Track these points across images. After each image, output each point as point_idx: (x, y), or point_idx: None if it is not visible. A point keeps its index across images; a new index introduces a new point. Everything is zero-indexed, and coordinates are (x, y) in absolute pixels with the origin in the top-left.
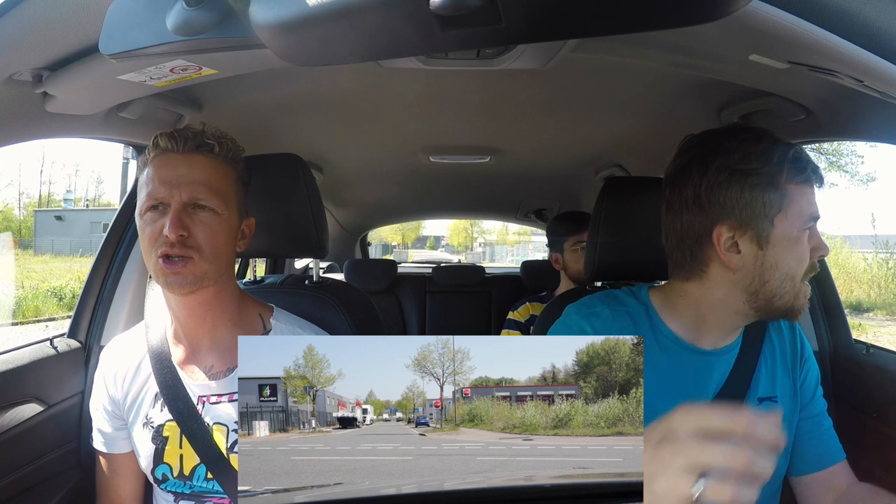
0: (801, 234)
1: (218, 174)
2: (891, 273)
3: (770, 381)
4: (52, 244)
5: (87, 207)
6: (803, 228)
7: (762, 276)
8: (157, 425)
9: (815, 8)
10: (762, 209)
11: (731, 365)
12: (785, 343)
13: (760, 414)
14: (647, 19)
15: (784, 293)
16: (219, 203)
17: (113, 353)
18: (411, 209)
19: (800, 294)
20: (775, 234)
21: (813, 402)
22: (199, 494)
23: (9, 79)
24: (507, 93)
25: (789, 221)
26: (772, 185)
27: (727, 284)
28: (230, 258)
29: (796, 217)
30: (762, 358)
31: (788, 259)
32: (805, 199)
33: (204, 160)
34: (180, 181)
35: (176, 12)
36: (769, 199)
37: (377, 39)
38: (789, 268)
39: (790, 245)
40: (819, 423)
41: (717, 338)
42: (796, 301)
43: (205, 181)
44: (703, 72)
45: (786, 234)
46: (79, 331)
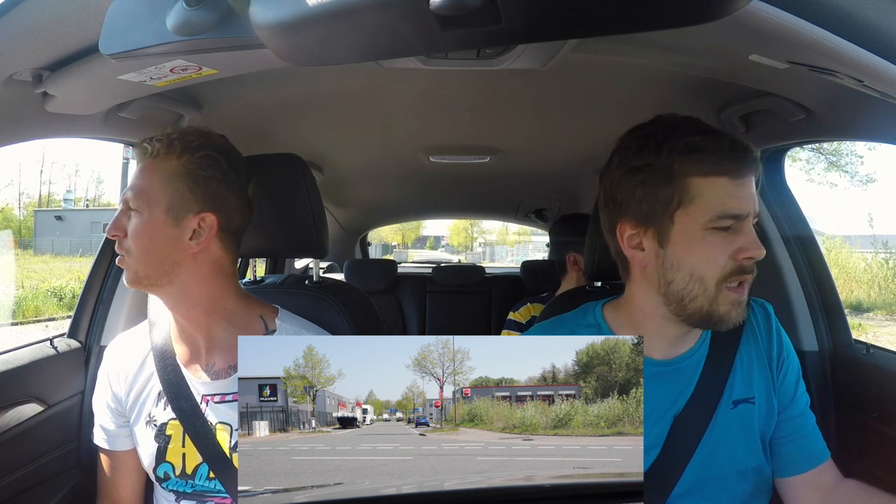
0: (706, 232)
1: (149, 174)
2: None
3: (746, 382)
4: (52, 244)
5: (87, 207)
6: (709, 227)
7: (666, 276)
8: (160, 424)
9: (815, 8)
10: (658, 205)
11: (699, 371)
12: (762, 341)
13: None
14: (647, 19)
15: (694, 296)
16: (139, 204)
17: (117, 350)
18: (411, 209)
19: (719, 300)
20: (675, 231)
21: (794, 401)
22: (200, 494)
23: (9, 79)
24: (507, 93)
25: (691, 218)
26: (665, 178)
27: (643, 286)
28: (170, 257)
29: (700, 214)
30: (738, 359)
31: (693, 259)
32: (713, 193)
33: (143, 161)
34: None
35: (176, 12)
36: (665, 194)
37: (377, 39)
38: (694, 268)
39: (694, 244)
40: (802, 424)
41: (667, 346)
42: (715, 307)
43: (137, 184)
44: (703, 72)
45: (687, 232)
46: (79, 331)
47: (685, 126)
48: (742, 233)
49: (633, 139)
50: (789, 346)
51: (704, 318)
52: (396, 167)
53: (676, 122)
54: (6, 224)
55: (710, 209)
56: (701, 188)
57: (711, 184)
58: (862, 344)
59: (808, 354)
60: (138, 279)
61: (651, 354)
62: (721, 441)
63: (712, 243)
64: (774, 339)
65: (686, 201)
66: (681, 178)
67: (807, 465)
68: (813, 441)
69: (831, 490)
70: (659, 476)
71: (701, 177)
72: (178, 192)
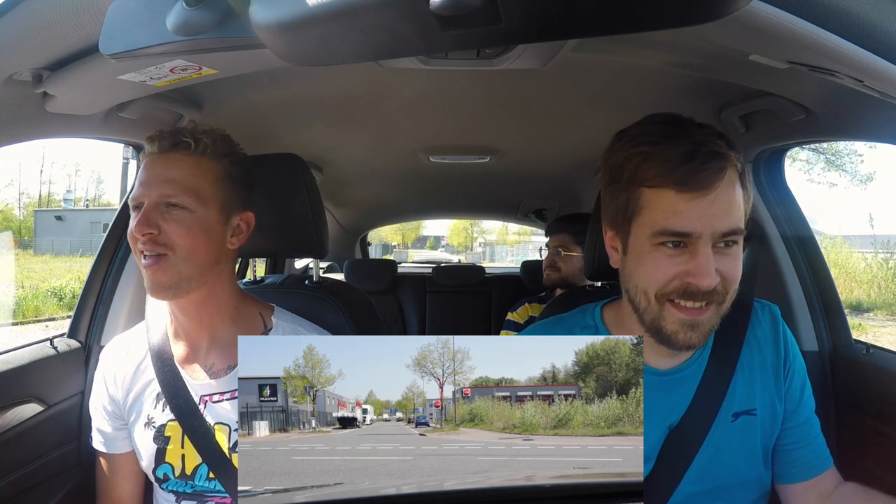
0: (653, 248)
1: (194, 171)
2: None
3: (747, 393)
4: (52, 244)
5: (87, 207)
6: (655, 242)
7: (624, 283)
8: (158, 425)
9: (815, 8)
10: (620, 212)
11: (697, 382)
12: (767, 348)
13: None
14: (647, 19)
15: (643, 308)
16: (191, 200)
17: (113, 352)
18: (411, 209)
19: (665, 318)
20: (631, 240)
21: (800, 407)
22: (200, 494)
23: (9, 79)
24: (507, 93)
25: (640, 230)
26: (622, 183)
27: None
28: (215, 256)
29: (645, 226)
30: (739, 370)
31: (639, 271)
32: (658, 209)
33: (180, 158)
34: (153, 181)
35: (176, 12)
36: (622, 201)
37: (377, 39)
38: (639, 280)
39: (640, 257)
40: (807, 432)
41: (662, 354)
42: (662, 324)
43: (178, 179)
44: (703, 72)
45: (637, 244)
46: (79, 331)
47: (653, 130)
48: (695, 256)
49: (613, 140)
50: (796, 350)
51: (655, 333)
52: (396, 167)
53: (650, 124)
54: (6, 224)
55: (653, 223)
56: (649, 199)
57: (658, 196)
58: (862, 344)
59: (808, 354)
60: (178, 282)
61: (648, 362)
62: (720, 453)
63: (657, 259)
64: (781, 345)
65: (637, 211)
66: (633, 185)
67: (811, 473)
68: (817, 449)
69: (831, 494)
70: (653, 488)
71: (649, 187)
72: (228, 191)
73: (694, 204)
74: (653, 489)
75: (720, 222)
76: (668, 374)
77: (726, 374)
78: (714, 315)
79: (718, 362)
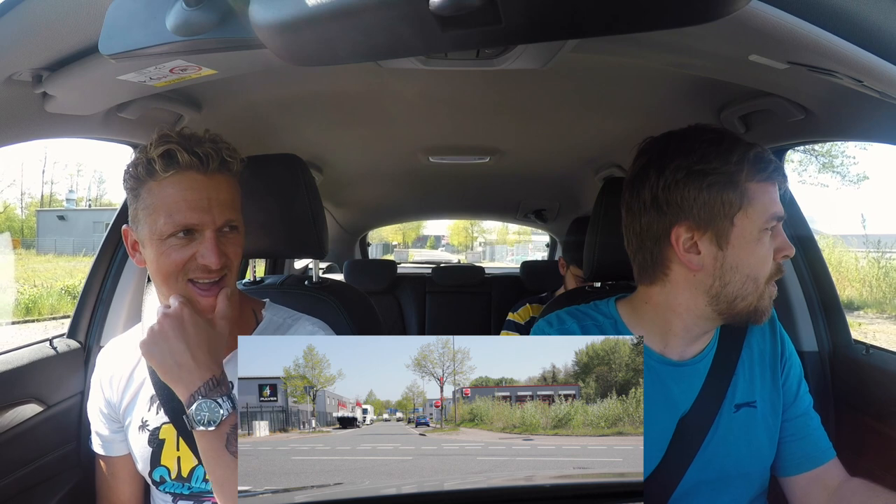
0: (762, 234)
1: (235, 190)
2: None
3: (748, 385)
4: (54, 244)
5: (90, 207)
6: (764, 228)
7: (723, 278)
8: (153, 428)
9: (815, 8)
10: (721, 209)
11: (706, 374)
12: (765, 344)
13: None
14: (647, 19)
15: (746, 294)
16: (240, 219)
17: (109, 355)
18: (411, 210)
19: (764, 296)
20: (735, 233)
21: (797, 401)
22: (198, 495)
23: (8, 79)
24: (506, 93)
25: (750, 221)
26: (731, 183)
27: (689, 287)
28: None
29: (757, 216)
30: (740, 365)
31: (750, 260)
32: (767, 198)
33: (225, 179)
34: (211, 205)
35: (175, 12)
36: (728, 198)
37: (377, 40)
38: (751, 269)
39: (751, 245)
40: (805, 423)
41: (684, 346)
42: (760, 303)
43: (230, 202)
44: (703, 72)
45: (746, 234)
46: (78, 331)
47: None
48: (779, 234)
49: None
50: (791, 348)
51: (751, 314)
52: (396, 167)
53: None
54: (8, 223)
55: (765, 212)
56: (758, 193)
57: (765, 189)
58: (861, 344)
59: (808, 355)
60: (228, 298)
61: (667, 354)
62: (723, 443)
63: (764, 244)
64: (778, 342)
65: (746, 204)
66: (744, 182)
67: (812, 463)
68: (818, 440)
69: (837, 488)
70: (661, 477)
71: (759, 183)
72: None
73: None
74: (662, 476)
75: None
76: (683, 365)
77: (730, 367)
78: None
79: (724, 355)
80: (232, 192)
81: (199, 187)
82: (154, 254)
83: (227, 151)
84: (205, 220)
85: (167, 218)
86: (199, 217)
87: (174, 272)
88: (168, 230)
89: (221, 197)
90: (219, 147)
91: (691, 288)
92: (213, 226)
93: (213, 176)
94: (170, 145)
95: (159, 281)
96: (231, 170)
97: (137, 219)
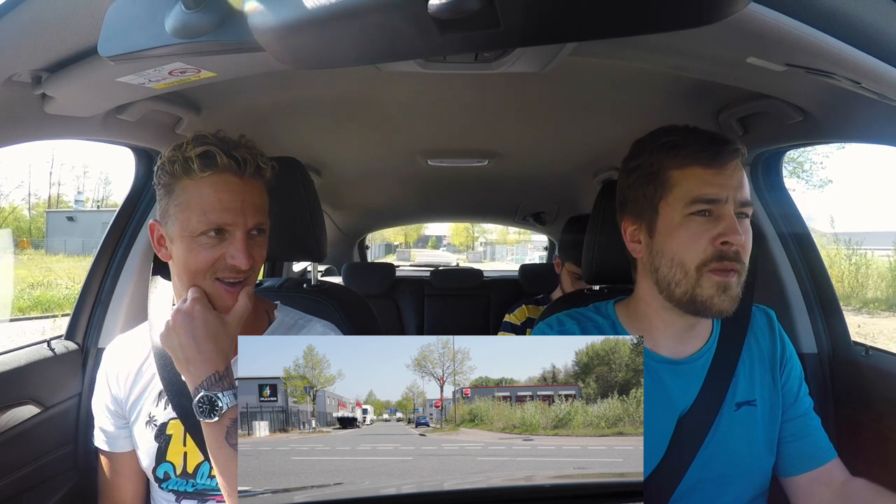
0: (686, 219)
1: (266, 196)
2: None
3: (748, 384)
4: (64, 244)
5: (98, 208)
6: (689, 213)
7: (654, 264)
8: (160, 423)
9: (813, 10)
10: (645, 199)
11: (705, 373)
12: (765, 345)
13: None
14: (645, 22)
15: (677, 281)
16: (268, 223)
17: (116, 351)
18: (409, 213)
19: (702, 284)
20: (660, 221)
21: (797, 402)
22: (202, 493)
23: (8, 80)
24: (505, 96)
25: (671, 207)
26: (650, 174)
27: (643, 277)
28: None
29: (677, 202)
30: (740, 364)
31: (673, 245)
32: (691, 183)
33: (258, 184)
34: (244, 208)
35: (175, 15)
36: (650, 188)
37: (376, 43)
38: (675, 253)
39: (673, 230)
40: (806, 423)
41: (675, 343)
42: (699, 291)
43: (261, 206)
44: (701, 75)
45: (669, 221)
46: (76, 333)
47: (672, 129)
48: (722, 219)
49: (633, 146)
50: (791, 350)
51: (689, 303)
52: (395, 171)
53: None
54: (17, 224)
55: (684, 196)
56: (678, 179)
57: (687, 174)
58: (861, 346)
59: (808, 357)
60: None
61: (660, 351)
62: (723, 442)
63: (690, 229)
64: (777, 343)
65: (666, 192)
66: (661, 172)
67: (813, 463)
68: (819, 439)
69: (839, 488)
70: (662, 475)
71: (678, 169)
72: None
73: (719, 175)
74: (663, 475)
75: (739, 192)
76: (681, 363)
77: (730, 365)
78: (738, 282)
79: (724, 354)
80: (263, 197)
81: (235, 189)
82: (183, 250)
83: (261, 158)
84: (237, 222)
85: (201, 216)
86: (231, 218)
87: (203, 270)
88: (200, 228)
89: (254, 200)
90: (254, 153)
91: (645, 278)
92: (244, 227)
93: (247, 180)
94: (208, 146)
95: (186, 277)
96: (264, 176)
97: (168, 214)
